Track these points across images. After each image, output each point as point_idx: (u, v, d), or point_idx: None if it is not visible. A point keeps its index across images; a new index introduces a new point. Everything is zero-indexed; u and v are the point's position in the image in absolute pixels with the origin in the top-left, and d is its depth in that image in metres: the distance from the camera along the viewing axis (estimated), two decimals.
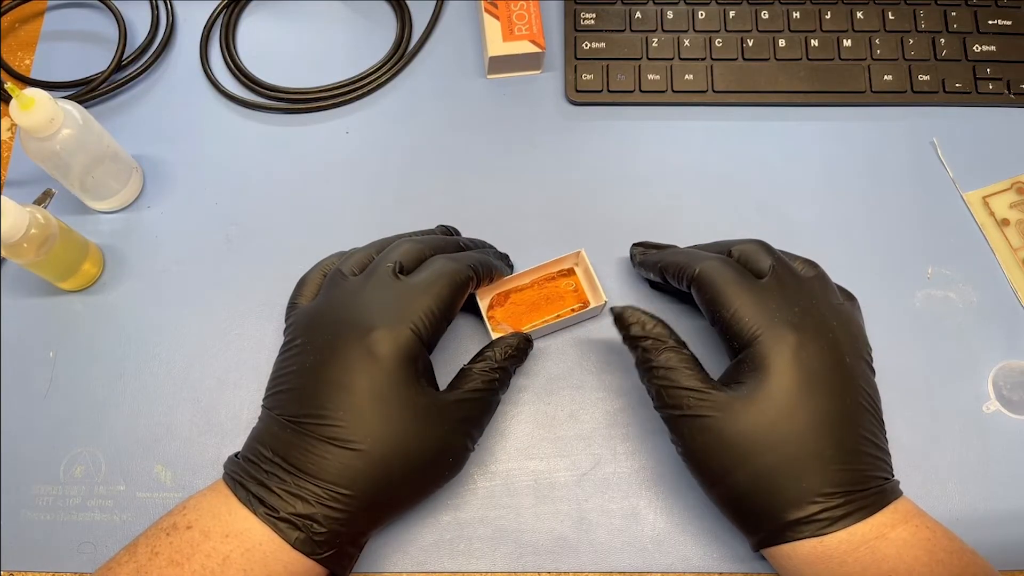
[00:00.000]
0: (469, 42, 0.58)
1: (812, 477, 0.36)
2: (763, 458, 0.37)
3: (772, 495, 0.37)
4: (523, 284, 0.48)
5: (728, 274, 0.41)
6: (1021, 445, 0.47)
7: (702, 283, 0.41)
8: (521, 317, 0.47)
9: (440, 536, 0.45)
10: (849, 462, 0.37)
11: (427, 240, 0.44)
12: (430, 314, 0.39)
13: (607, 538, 0.45)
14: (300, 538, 0.36)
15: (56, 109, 0.44)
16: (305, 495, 0.36)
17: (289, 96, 0.56)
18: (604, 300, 0.47)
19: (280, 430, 0.38)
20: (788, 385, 0.37)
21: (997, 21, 0.56)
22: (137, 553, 0.36)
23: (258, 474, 0.37)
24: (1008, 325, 0.50)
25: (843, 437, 0.37)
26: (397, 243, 0.43)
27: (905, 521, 0.36)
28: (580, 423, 0.47)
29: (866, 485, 0.37)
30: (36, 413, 0.48)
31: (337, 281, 0.42)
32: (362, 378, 0.37)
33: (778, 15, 0.57)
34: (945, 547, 0.36)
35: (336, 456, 0.36)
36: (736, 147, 0.55)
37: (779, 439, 0.37)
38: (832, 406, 0.37)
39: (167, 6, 0.59)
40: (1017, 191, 0.53)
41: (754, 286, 0.40)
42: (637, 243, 0.49)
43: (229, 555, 0.35)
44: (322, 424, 0.37)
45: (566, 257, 0.48)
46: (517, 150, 0.55)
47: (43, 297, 0.51)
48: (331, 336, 0.39)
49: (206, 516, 0.36)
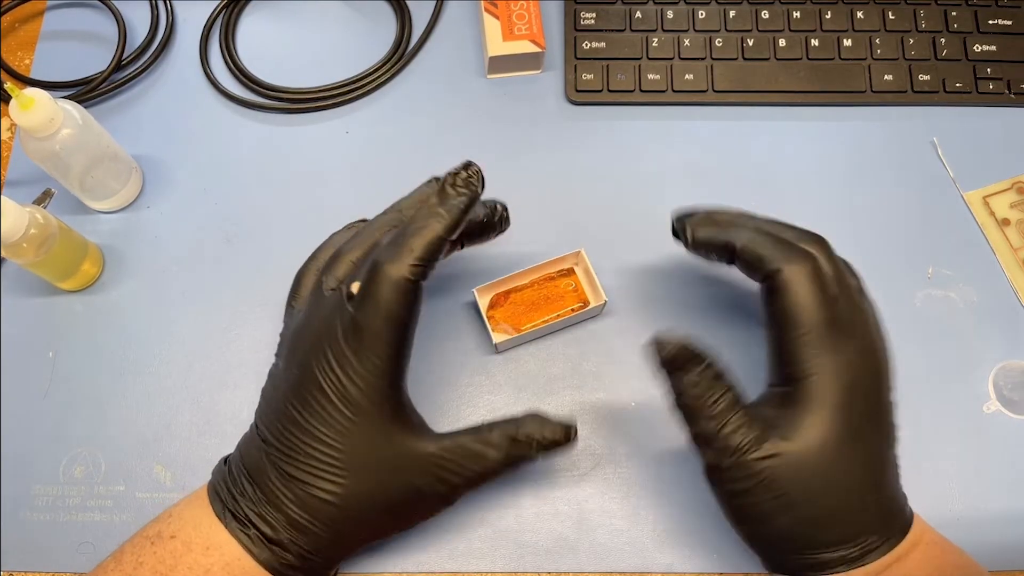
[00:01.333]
0: (469, 42, 0.58)
1: (854, 522, 0.36)
2: (808, 506, 0.35)
3: (811, 539, 0.36)
4: (523, 284, 0.48)
5: (812, 292, 0.37)
6: (1021, 445, 0.47)
7: (782, 292, 0.37)
8: (520, 317, 0.47)
9: (440, 536, 0.45)
10: (886, 501, 0.37)
11: (359, 243, 0.40)
12: (389, 347, 0.35)
13: (607, 538, 0.45)
14: (269, 558, 0.35)
15: (56, 109, 0.44)
16: (271, 519, 0.35)
17: (289, 96, 0.56)
18: (604, 300, 0.47)
19: (255, 450, 0.37)
20: (839, 433, 0.35)
21: (997, 21, 0.56)
22: (123, 562, 0.36)
23: (233, 488, 0.36)
24: (1008, 325, 0.50)
25: (882, 478, 0.37)
26: (377, 251, 0.38)
27: (919, 542, 0.36)
28: (580, 423, 0.47)
29: (895, 518, 0.37)
30: (36, 413, 0.48)
31: (317, 296, 0.39)
32: (332, 413, 0.35)
33: (778, 15, 0.57)
34: (953, 562, 0.37)
35: (299, 495, 0.35)
36: (736, 147, 0.55)
37: (826, 487, 0.35)
38: (875, 448, 0.37)
39: (167, 6, 0.59)
40: (1017, 191, 0.53)
41: (828, 314, 0.37)
42: (685, 214, 0.42)
43: (210, 568, 0.35)
44: (288, 456, 0.36)
45: (566, 257, 0.48)
46: (517, 150, 0.55)
47: (43, 297, 0.50)
48: (303, 359, 0.36)
49: (188, 526, 0.36)
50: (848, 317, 0.37)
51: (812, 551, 0.36)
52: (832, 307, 0.37)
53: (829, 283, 0.37)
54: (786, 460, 0.35)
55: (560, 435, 0.38)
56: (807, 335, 0.36)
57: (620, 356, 0.49)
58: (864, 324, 0.38)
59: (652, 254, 0.51)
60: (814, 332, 0.36)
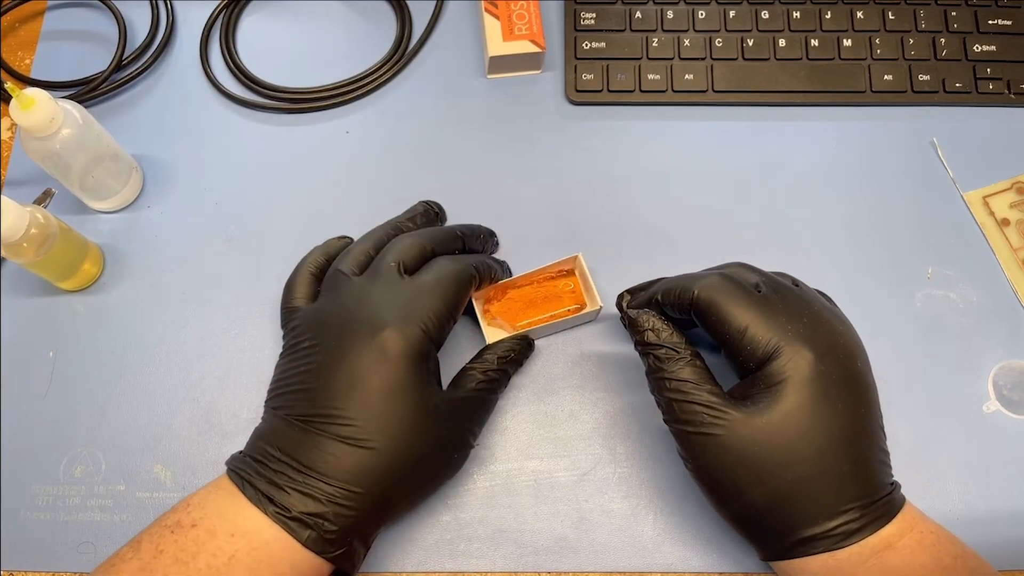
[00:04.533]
0: (469, 42, 0.58)
1: (830, 494, 0.36)
2: (781, 477, 0.36)
3: (789, 513, 0.36)
4: (521, 281, 0.48)
5: (731, 289, 0.39)
6: (1021, 445, 0.47)
7: (705, 303, 0.39)
8: (517, 313, 0.47)
9: (440, 536, 0.45)
10: (864, 475, 0.37)
11: (425, 235, 0.44)
12: (439, 314, 0.40)
13: (607, 538, 0.45)
14: (311, 537, 0.36)
15: (56, 109, 0.44)
16: (316, 494, 0.36)
17: (289, 96, 0.56)
18: (600, 305, 0.47)
19: (289, 429, 0.38)
20: (807, 402, 0.36)
21: (997, 21, 0.56)
22: (141, 550, 0.35)
23: (267, 473, 0.37)
24: (1008, 325, 0.50)
25: (859, 450, 0.37)
26: (396, 240, 0.43)
27: (911, 529, 0.36)
28: (580, 423, 0.47)
29: (878, 495, 0.37)
30: (36, 413, 0.48)
31: (340, 281, 0.42)
32: (374, 377, 0.37)
33: (778, 15, 0.57)
34: (949, 552, 0.36)
35: (348, 455, 0.37)
36: (736, 147, 0.55)
37: (797, 457, 0.36)
38: (848, 420, 0.37)
39: (167, 6, 0.59)
40: (1017, 191, 0.53)
41: (760, 300, 0.39)
42: (622, 292, 0.46)
43: (235, 554, 0.35)
44: (334, 423, 0.37)
45: (563, 261, 0.48)
46: (517, 150, 0.55)
47: (43, 297, 0.50)
48: (341, 336, 0.39)
49: (212, 514, 0.36)
50: (783, 304, 0.39)
51: (793, 527, 0.36)
52: (761, 300, 0.39)
53: (744, 281, 0.40)
54: (752, 428, 0.36)
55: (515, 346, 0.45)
56: (752, 325, 0.38)
57: (620, 356, 0.49)
58: (806, 302, 0.39)
59: (652, 254, 0.52)
60: (757, 320, 0.38)
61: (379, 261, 0.42)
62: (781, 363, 0.37)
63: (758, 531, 0.38)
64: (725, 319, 0.38)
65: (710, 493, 0.39)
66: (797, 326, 0.38)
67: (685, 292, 0.40)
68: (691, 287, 0.40)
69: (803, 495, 0.36)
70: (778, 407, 0.36)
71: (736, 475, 0.37)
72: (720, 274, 0.40)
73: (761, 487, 0.36)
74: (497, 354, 0.44)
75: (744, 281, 0.40)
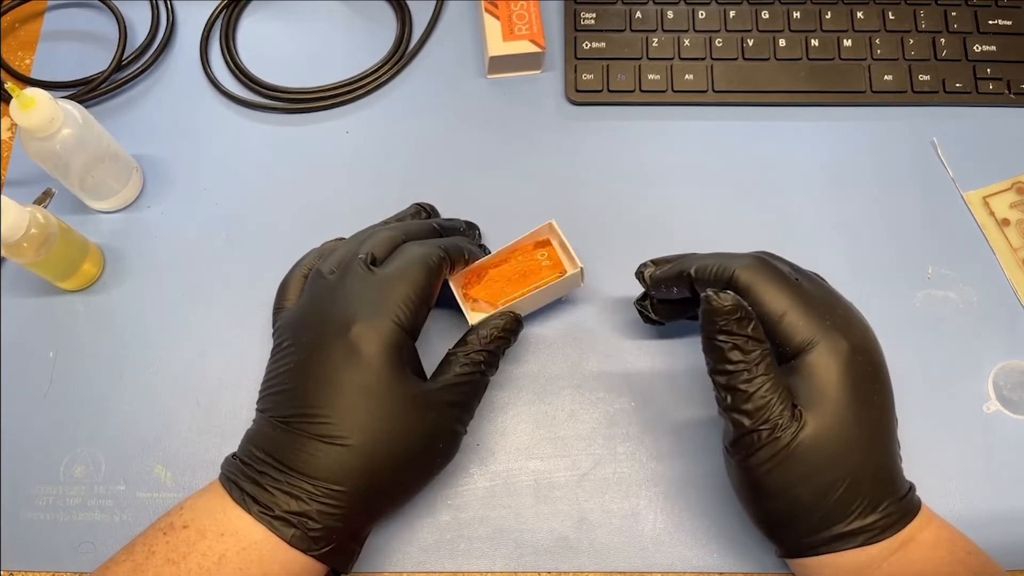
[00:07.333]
0: (469, 42, 0.58)
1: (870, 489, 0.36)
2: (827, 474, 0.36)
3: (832, 509, 0.36)
4: (497, 260, 0.47)
5: (771, 273, 0.38)
6: (1021, 445, 0.47)
7: (744, 284, 0.38)
8: (497, 292, 0.45)
9: (440, 536, 0.45)
10: (894, 471, 0.37)
11: (398, 227, 0.44)
12: (408, 302, 0.39)
13: (607, 538, 0.45)
14: (296, 535, 0.36)
15: (56, 109, 0.44)
16: (298, 493, 0.36)
17: (289, 96, 0.56)
18: (580, 266, 0.45)
19: (272, 430, 0.38)
20: (847, 397, 0.36)
21: (997, 21, 0.56)
22: (134, 552, 0.36)
23: (251, 473, 0.37)
24: (1008, 325, 0.50)
25: (889, 446, 0.37)
26: (368, 234, 0.43)
27: (929, 523, 0.37)
28: (580, 423, 0.47)
29: (904, 491, 0.37)
30: (36, 413, 0.48)
31: (316, 281, 0.42)
32: (347, 374, 0.37)
33: (778, 15, 0.57)
34: (963, 547, 0.37)
35: (326, 453, 0.36)
36: (736, 147, 0.55)
37: (842, 454, 0.36)
38: (880, 415, 0.37)
39: (167, 6, 0.59)
40: (1017, 191, 0.53)
41: (799, 289, 0.38)
42: (645, 262, 0.45)
43: (225, 554, 0.35)
44: (311, 422, 0.37)
45: (537, 231, 0.46)
46: (517, 150, 0.55)
47: (43, 297, 0.50)
48: (314, 335, 0.39)
49: (202, 515, 0.36)
50: (818, 293, 0.39)
51: (833, 522, 0.36)
52: (799, 288, 0.38)
53: (784, 271, 0.39)
54: (813, 430, 0.36)
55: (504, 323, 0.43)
56: (791, 312, 0.38)
57: (620, 356, 0.49)
58: (836, 295, 0.40)
59: (652, 253, 0.51)
60: (797, 308, 0.38)
61: (349, 257, 0.41)
62: (821, 355, 0.37)
63: (789, 528, 0.38)
64: (763, 302, 0.38)
65: (752, 489, 0.38)
66: (833, 318, 0.38)
67: (724, 271, 0.39)
68: (730, 266, 0.39)
69: (847, 491, 0.36)
70: (822, 402, 0.36)
71: (787, 472, 0.36)
72: (758, 256, 0.40)
73: (809, 483, 0.36)
74: (480, 334, 0.42)
75: (778, 267, 0.40)
